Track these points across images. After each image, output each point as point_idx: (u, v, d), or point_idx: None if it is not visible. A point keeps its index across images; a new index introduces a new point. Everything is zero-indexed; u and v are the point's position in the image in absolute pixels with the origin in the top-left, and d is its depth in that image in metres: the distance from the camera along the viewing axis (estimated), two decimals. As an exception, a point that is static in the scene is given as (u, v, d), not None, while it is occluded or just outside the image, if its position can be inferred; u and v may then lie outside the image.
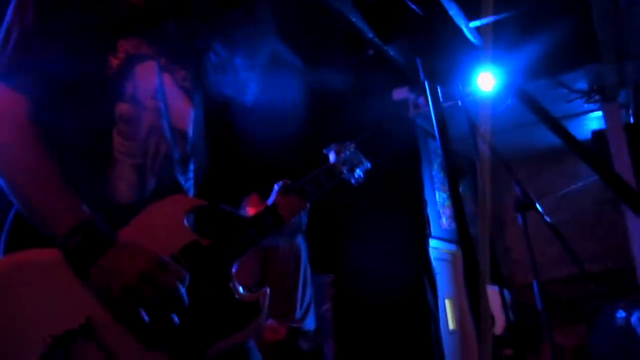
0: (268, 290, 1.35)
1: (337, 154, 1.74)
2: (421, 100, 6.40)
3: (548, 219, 2.81)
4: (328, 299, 5.90)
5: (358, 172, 1.79)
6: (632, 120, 6.68)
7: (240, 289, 1.34)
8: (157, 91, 1.38)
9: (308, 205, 1.56)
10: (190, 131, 1.49)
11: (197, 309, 1.22)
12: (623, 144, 5.88)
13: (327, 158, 1.77)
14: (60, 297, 1.13)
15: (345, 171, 1.73)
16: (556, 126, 1.07)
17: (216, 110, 1.62)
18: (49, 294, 1.13)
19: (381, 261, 6.43)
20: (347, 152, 1.76)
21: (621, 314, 4.24)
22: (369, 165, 1.81)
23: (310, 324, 4.28)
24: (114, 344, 1.12)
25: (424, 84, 1.15)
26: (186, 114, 1.48)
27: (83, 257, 1.14)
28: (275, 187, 1.58)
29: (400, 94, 6.58)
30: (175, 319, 1.16)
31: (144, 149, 1.34)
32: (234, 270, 1.36)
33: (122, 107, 1.33)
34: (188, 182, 1.48)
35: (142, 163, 1.33)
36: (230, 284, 1.32)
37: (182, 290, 1.15)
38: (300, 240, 4.40)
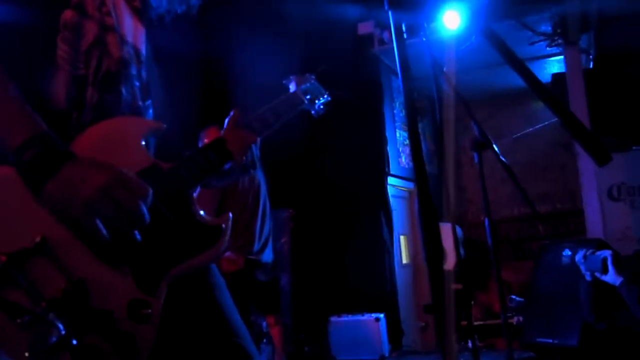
0: (230, 214, 1.35)
1: (297, 84, 1.72)
2: (386, 35, 6.32)
3: (503, 159, 2.87)
4: (286, 232, 5.98)
5: (318, 104, 1.76)
6: (591, 66, 6.79)
7: (202, 213, 1.33)
8: (104, 4, 1.34)
9: (258, 140, 1.51)
10: (143, 50, 1.44)
11: (159, 231, 1.21)
12: (581, 89, 6.00)
13: (287, 89, 1.73)
14: (15, 215, 1.10)
15: (305, 102, 1.71)
16: (520, 66, 1.07)
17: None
18: (3, 211, 1.10)
19: (339, 197, 6.52)
20: (308, 84, 1.74)
21: (567, 252, 4.43)
22: (329, 97, 1.79)
23: (268, 256, 4.34)
24: (72, 262, 1.10)
25: (389, 15, 1.12)
26: (138, 33, 1.43)
27: (39, 170, 1.09)
28: (226, 119, 1.51)
29: (365, 28, 6.49)
30: (137, 236, 1.14)
31: (86, 61, 1.29)
32: (195, 195, 1.35)
33: (67, 14, 1.27)
34: (144, 104, 1.43)
35: (83, 74, 1.28)
36: (192, 208, 1.31)
37: (144, 208, 1.13)
38: (260, 174, 4.39)
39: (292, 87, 1.72)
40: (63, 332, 1.05)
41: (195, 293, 1.34)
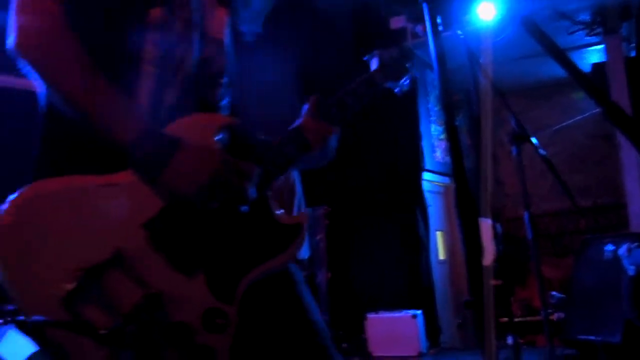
0: (308, 212, 1.34)
1: (380, 60, 1.59)
2: (419, 29, 6.25)
3: (542, 152, 2.81)
4: (321, 229, 5.98)
5: (402, 81, 1.62)
6: (633, 54, 6.59)
7: (278, 211, 1.31)
8: (191, 1, 1.34)
9: (337, 130, 1.46)
10: (226, 42, 1.44)
11: (235, 234, 1.21)
12: (623, 78, 5.82)
13: (369, 66, 1.61)
14: (89, 228, 1.11)
15: (388, 79, 1.58)
16: (560, 56, 1.04)
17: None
18: (78, 224, 1.11)
19: (374, 193, 6.48)
20: (391, 58, 1.60)
21: (609, 247, 4.31)
22: (413, 72, 1.65)
23: (304, 253, 4.36)
24: (147, 274, 1.11)
25: (423, 9, 1.10)
26: (222, 24, 1.42)
27: (154, 163, 1.13)
28: (304, 106, 1.48)
29: (397, 22, 6.42)
30: (246, 208, 1.19)
31: (169, 59, 1.29)
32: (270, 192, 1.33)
33: (156, 12, 1.28)
34: (222, 99, 1.43)
35: (166, 73, 1.29)
36: (269, 207, 1.30)
37: (251, 187, 1.18)
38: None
39: (373, 64, 1.60)
40: (139, 347, 1.05)
41: (279, 290, 1.33)
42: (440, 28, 1.17)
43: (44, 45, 1.18)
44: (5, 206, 1.10)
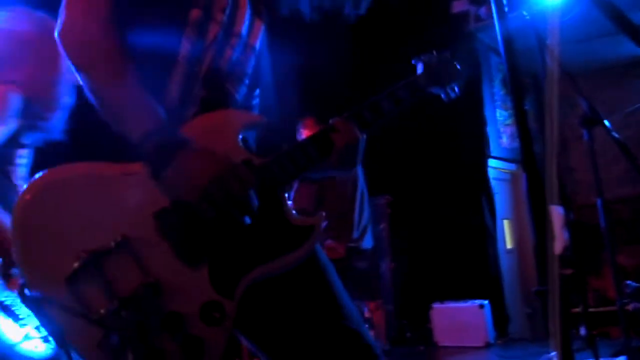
0: (324, 213, 1.33)
1: (426, 64, 1.53)
2: (482, 12, 6.08)
3: (615, 135, 2.68)
4: (384, 219, 5.96)
5: (452, 86, 1.56)
6: None
7: (294, 212, 1.31)
8: (227, 6, 1.37)
9: (363, 137, 1.40)
10: (258, 46, 1.46)
11: (243, 230, 1.22)
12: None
13: (415, 69, 1.55)
14: (98, 213, 1.16)
15: (433, 84, 1.52)
16: (636, 34, 0.99)
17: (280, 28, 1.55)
18: (89, 208, 1.16)
19: (438, 181, 6.39)
20: (439, 62, 1.54)
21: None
22: (465, 78, 1.57)
23: (368, 242, 4.36)
24: (150, 262, 1.14)
25: (489, -8, 1.07)
26: (257, 33, 1.46)
27: (159, 159, 1.17)
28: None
29: (459, 6, 6.27)
30: (247, 220, 1.18)
31: (202, 58, 1.33)
32: (287, 192, 1.33)
33: (194, 13, 1.32)
34: (249, 99, 1.46)
35: (196, 71, 1.32)
36: (282, 206, 1.29)
37: (253, 195, 1.17)
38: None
39: (419, 68, 1.54)
40: (132, 332, 1.08)
41: (306, 276, 1.33)
42: (505, 9, 1.13)
43: (82, 40, 1.24)
44: (26, 185, 1.17)
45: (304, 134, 4.13)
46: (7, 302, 1.84)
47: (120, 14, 1.27)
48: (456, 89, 1.57)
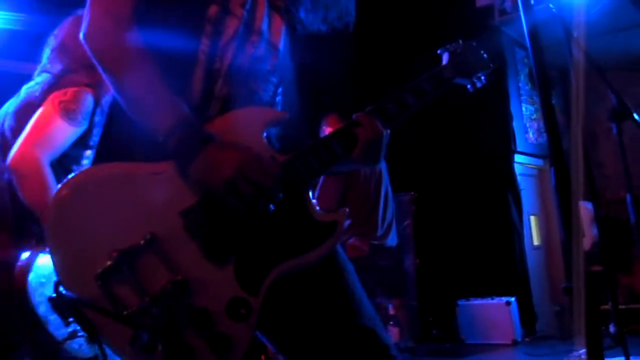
0: (347, 209, 1.33)
1: (452, 54, 1.50)
2: (508, 5, 6.00)
3: (646, 130, 2.61)
4: (409, 215, 5.92)
5: (479, 75, 1.53)
6: None
7: (317, 208, 1.31)
8: (247, 1, 1.37)
9: (387, 132, 1.38)
10: (281, 45, 1.46)
11: (267, 227, 1.23)
12: None
13: (440, 60, 1.53)
14: (126, 212, 1.18)
15: (459, 74, 1.49)
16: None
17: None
18: (120, 208, 1.19)
19: (463, 177, 6.33)
20: (465, 51, 1.51)
21: None
22: (492, 66, 1.54)
23: (392, 240, 4.34)
24: (178, 260, 1.16)
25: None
26: (277, 28, 1.46)
27: (184, 153, 1.19)
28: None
29: (484, 0, 6.20)
30: (271, 207, 1.19)
31: (222, 55, 1.33)
32: (311, 189, 1.33)
33: (212, 9, 1.33)
34: (272, 96, 1.45)
35: (217, 68, 1.33)
36: (305, 203, 1.30)
37: (277, 185, 1.18)
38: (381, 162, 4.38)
39: (445, 58, 1.51)
40: (161, 328, 1.10)
41: (324, 274, 1.34)
42: (531, 2, 1.11)
43: (106, 41, 1.26)
44: (59, 187, 1.20)
45: (326, 130, 4.12)
46: None
47: (140, 14, 1.28)
48: (483, 78, 1.55)
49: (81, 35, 1.27)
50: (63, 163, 1.96)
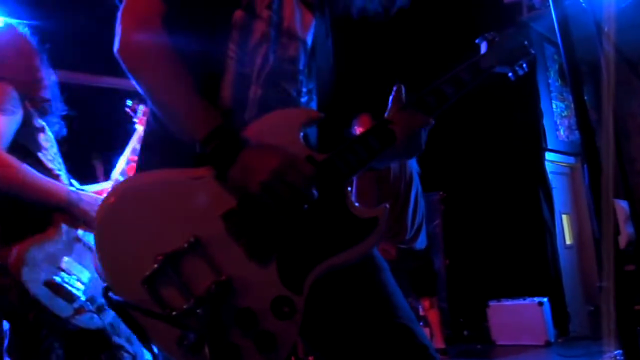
0: (387, 205, 1.32)
1: (490, 43, 1.48)
2: (536, 1, 5.91)
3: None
4: (438, 215, 5.88)
5: (520, 63, 1.51)
6: None
7: (357, 204, 1.32)
8: (272, 1, 1.38)
9: (431, 121, 1.38)
10: (309, 40, 1.46)
11: (310, 225, 1.24)
12: None
13: (479, 49, 1.51)
14: (170, 217, 1.21)
15: (499, 63, 1.47)
16: None
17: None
18: (163, 213, 1.21)
19: (492, 176, 6.26)
20: (506, 41, 1.49)
21: None
22: (533, 53, 1.52)
23: (421, 243, 4.31)
24: (222, 261, 1.19)
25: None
26: (306, 24, 1.45)
27: (221, 159, 1.21)
28: (390, 97, 1.42)
29: (512, -4, 6.11)
30: (305, 206, 1.21)
31: (252, 59, 1.34)
32: (349, 187, 1.33)
33: (237, 14, 1.33)
34: (305, 95, 1.46)
35: (248, 72, 1.34)
36: (346, 200, 1.30)
37: (313, 186, 1.20)
38: (412, 162, 4.35)
39: (483, 47, 1.50)
40: (207, 328, 1.12)
41: (361, 273, 1.34)
42: (561, -3, 1.09)
43: (138, 52, 1.28)
44: (107, 193, 1.24)
45: (358, 131, 4.11)
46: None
47: (168, 25, 1.30)
48: (524, 65, 1.52)
49: (115, 49, 1.29)
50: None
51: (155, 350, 1.20)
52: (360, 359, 1.30)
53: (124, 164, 2.44)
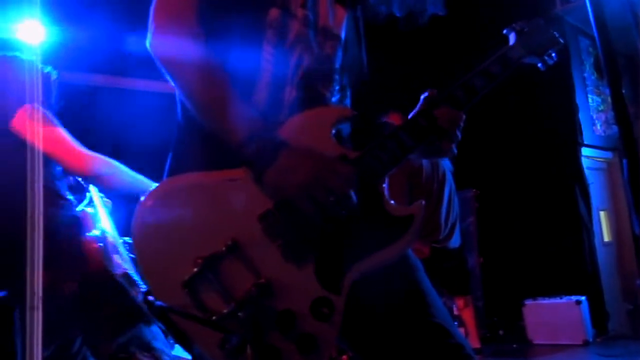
0: (423, 202, 1.30)
1: (519, 34, 1.46)
2: (570, -8, 5.80)
3: None
4: (472, 212, 5.81)
5: (550, 52, 1.47)
6: None
7: (392, 202, 1.30)
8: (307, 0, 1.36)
9: (463, 116, 1.37)
10: (342, 35, 1.44)
11: (347, 225, 1.22)
12: None
13: (508, 40, 1.49)
14: (207, 220, 1.21)
15: (528, 53, 1.45)
16: None
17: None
18: (200, 216, 1.21)
19: (527, 172, 6.16)
20: (534, 31, 1.46)
21: None
22: (562, 42, 1.47)
23: (455, 242, 4.25)
24: (260, 264, 1.17)
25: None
26: (340, 23, 1.43)
27: (259, 162, 1.19)
28: (421, 98, 1.41)
29: (545, -11, 6.01)
30: (344, 214, 1.19)
31: (288, 59, 1.32)
32: (384, 183, 1.32)
33: (273, 13, 1.31)
34: (338, 94, 1.44)
35: (284, 73, 1.32)
36: (381, 198, 1.28)
37: (352, 190, 1.18)
38: (445, 160, 4.31)
39: (512, 38, 1.48)
40: (249, 331, 1.12)
41: (396, 272, 1.32)
42: (597, -12, 1.06)
43: (173, 48, 1.26)
44: (142, 200, 1.23)
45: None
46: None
47: (205, 24, 1.28)
48: (554, 55, 1.48)
49: (147, 44, 1.28)
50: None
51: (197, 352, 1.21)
52: (395, 359, 1.28)
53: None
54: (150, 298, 1.16)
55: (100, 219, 2.22)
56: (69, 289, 1.98)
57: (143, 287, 1.99)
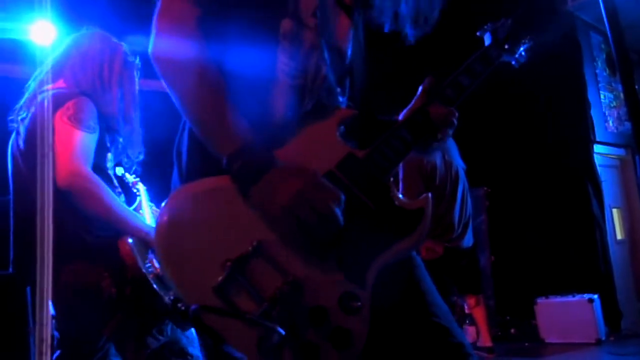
0: (430, 194, 1.32)
1: (493, 34, 1.55)
2: (581, -11, 5.75)
3: None
4: (483, 211, 5.79)
5: (519, 51, 1.57)
6: None
7: (401, 196, 1.32)
8: (317, 8, 1.35)
9: (455, 112, 1.44)
10: (349, 49, 1.45)
11: (362, 220, 1.24)
12: None
13: (483, 42, 1.57)
14: (233, 222, 1.21)
15: (504, 52, 1.54)
16: None
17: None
18: (222, 219, 1.21)
19: (539, 170, 6.12)
20: (505, 31, 1.55)
21: None
22: (531, 41, 1.59)
23: (468, 241, 4.24)
24: (286, 262, 1.18)
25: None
26: (345, 32, 1.44)
27: (245, 178, 1.19)
28: (419, 89, 1.48)
29: (555, -15, 5.96)
30: (333, 235, 1.19)
31: (305, 69, 1.32)
32: (392, 178, 1.34)
33: (286, 24, 1.31)
34: (344, 98, 1.44)
35: (302, 84, 1.31)
36: (391, 193, 1.30)
37: (338, 211, 1.18)
38: (458, 161, 4.31)
39: (487, 39, 1.56)
40: (284, 331, 1.11)
41: (396, 271, 1.32)
42: (609, -17, 1.05)
43: (171, 55, 1.26)
44: (162, 207, 1.23)
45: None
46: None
47: (211, 34, 1.28)
48: (524, 54, 1.58)
49: (149, 50, 1.28)
50: (95, 167, 2.02)
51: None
52: (395, 358, 1.30)
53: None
54: (180, 305, 1.15)
55: (146, 219, 2.22)
56: (106, 284, 1.98)
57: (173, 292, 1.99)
